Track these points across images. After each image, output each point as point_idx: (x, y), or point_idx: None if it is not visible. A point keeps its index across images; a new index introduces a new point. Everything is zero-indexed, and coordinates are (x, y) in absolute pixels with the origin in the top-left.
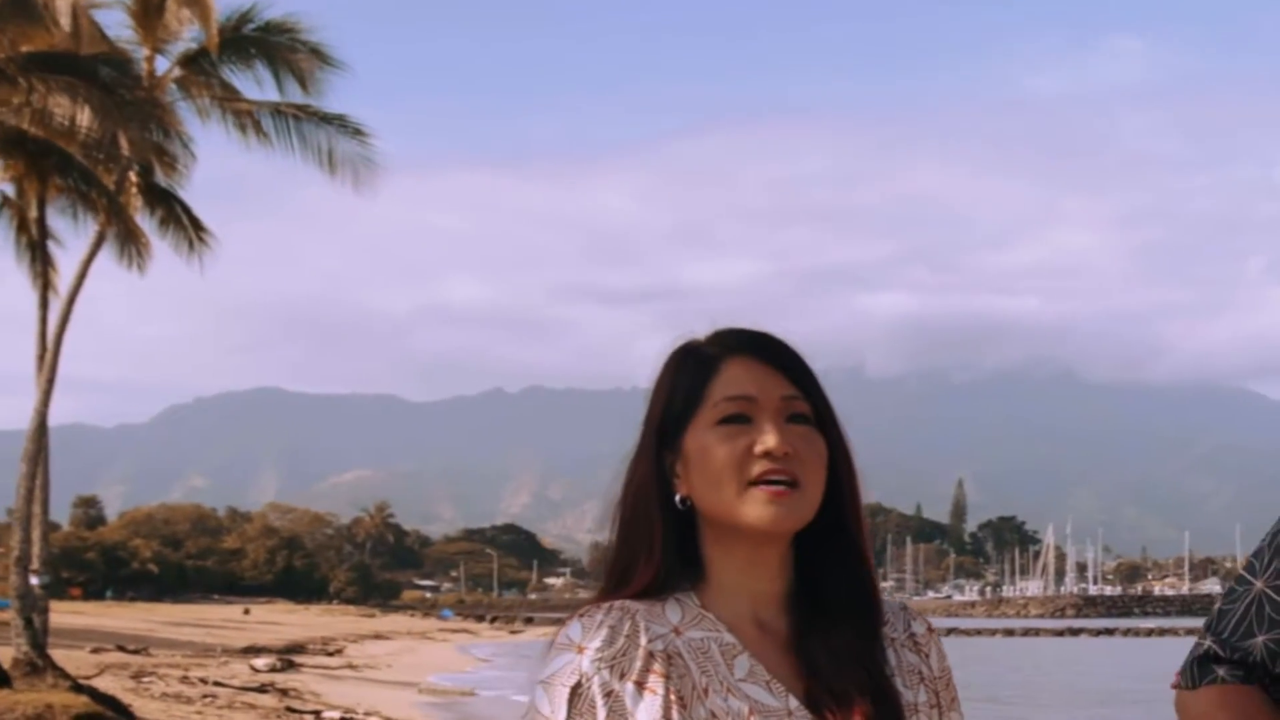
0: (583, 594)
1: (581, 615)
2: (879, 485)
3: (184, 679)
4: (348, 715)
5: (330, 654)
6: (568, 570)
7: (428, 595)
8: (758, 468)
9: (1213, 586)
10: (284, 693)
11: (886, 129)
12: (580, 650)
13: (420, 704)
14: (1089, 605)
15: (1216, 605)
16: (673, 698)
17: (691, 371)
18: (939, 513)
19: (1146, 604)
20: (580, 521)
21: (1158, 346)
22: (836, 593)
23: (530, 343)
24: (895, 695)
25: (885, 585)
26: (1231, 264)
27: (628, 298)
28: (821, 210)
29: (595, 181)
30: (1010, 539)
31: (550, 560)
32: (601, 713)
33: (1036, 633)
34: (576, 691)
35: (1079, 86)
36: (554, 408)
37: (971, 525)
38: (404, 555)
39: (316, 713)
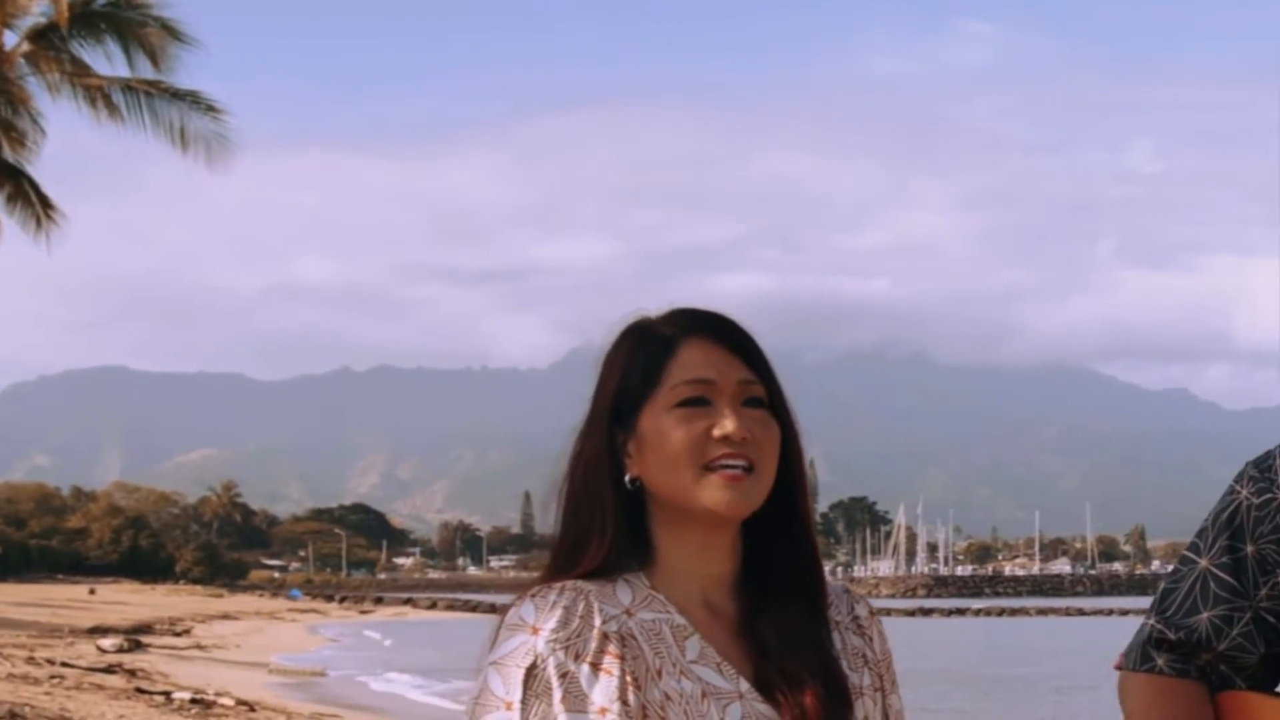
0: (432, 574)
1: (534, 595)
2: None
3: (30, 660)
4: (198, 696)
5: (178, 634)
6: (417, 550)
7: (276, 575)
8: (716, 452)
9: (1063, 567)
10: (132, 673)
11: (738, 110)
12: (534, 631)
13: (270, 684)
14: (940, 585)
15: (1161, 585)
16: (628, 679)
17: (648, 351)
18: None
19: (997, 584)
20: (430, 501)
21: (1008, 328)
22: (785, 576)
23: (379, 322)
24: (843, 678)
25: None
26: (1081, 246)
27: (478, 277)
28: (673, 191)
29: (445, 161)
30: (861, 519)
31: (399, 540)
32: (557, 694)
33: (888, 613)
34: (532, 673)
35: (929, 70)
36: (403, 387)
37: (823, 506)
38: (251, 535)
39: (166, 693)
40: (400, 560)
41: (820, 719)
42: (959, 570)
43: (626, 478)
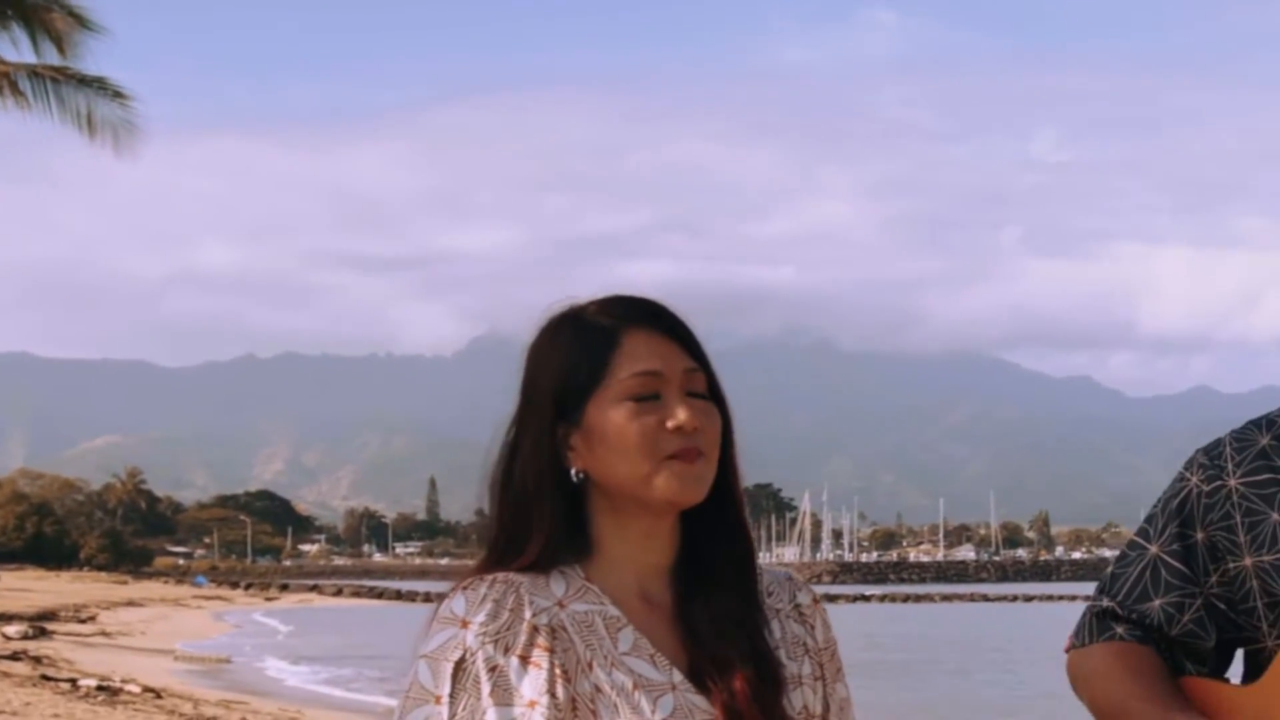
0: (337, 561)
1: (465, 588)
2: None
3: None
4: (104, 683)
5: (83, 621)
6: (322, 537)
7: (181, 562)
8: (669, 443)
9: (967, 553)
10: (37, 660)
11: (646, 98)
12: (464, 625)
13: (176, 671)
14: (845, 572)
15: (1109, 569)
16: (557, 672)
17: (591, 342)
18: None
19: (902, 570)
20: (335, 488)
21: (914, 316)
22: (720, 564)
23: (284, 309)
24: (776, 664)
25: None
26: (987, 235)
27: (384, 264)
28: (580, 178)
29: (352, 148)
30: (766, 506)
31: (305, 527)
32: (486, 688)
33: None
34: (461, 666)
35: (836, 58)
36: (308, 374)
37: None
38: (156, 522)
39: (72, 680)
40: (305, 547)
41: (750, 704)
42: (864, 557)
43: (572, 471)
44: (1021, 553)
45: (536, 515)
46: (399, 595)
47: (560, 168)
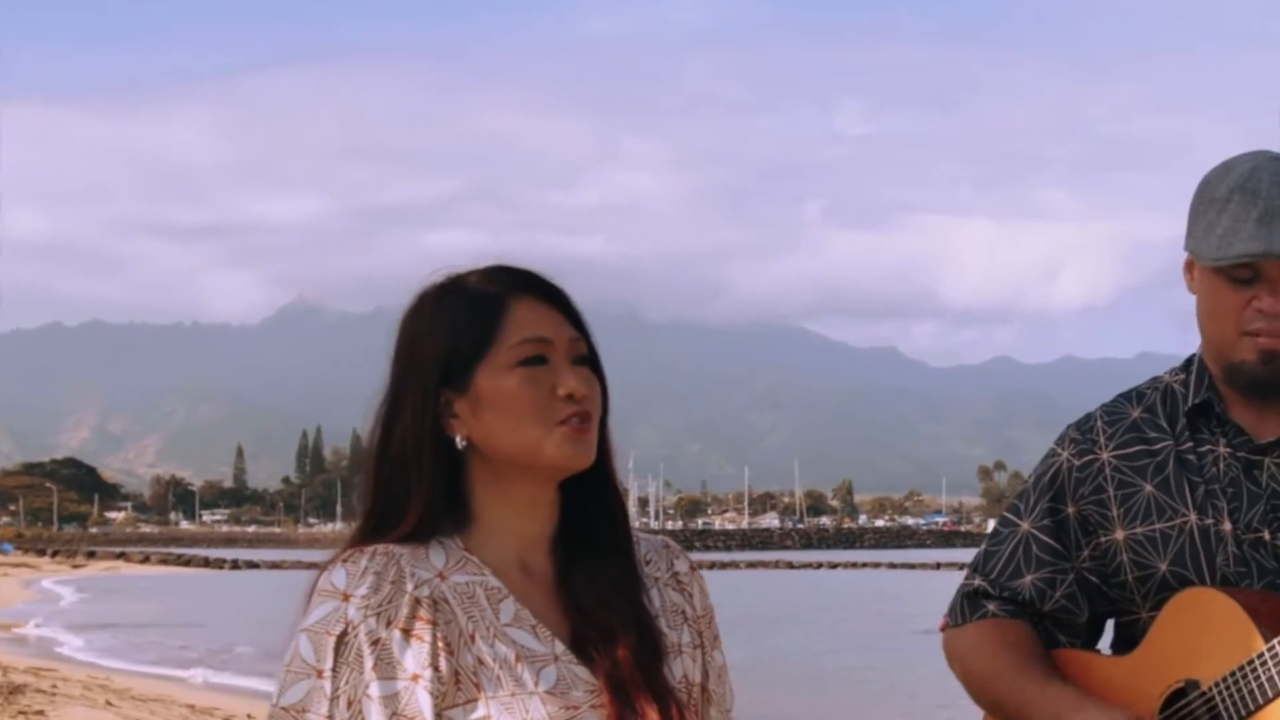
0: (144, 528)
1: (344, 561)
2: None
3: None
4: None
5: None
6: (129, 504)
7: None
8: (560, 409)
9: (772, 521)
10: None
11: (452, 69)
12: (345, 598)
13: None
14: None
15: (982, 546)
16: (440, 644)
17: (478, 310)
18: None
19: (707, 538)
20: (141, 455)
21: (719, 286)
22: (599, 532)
23: (90, 277)
24: (657, 632)
25: None
26: (791, 206)
27: (191, 233)
28: (387, 148)
29: (160, 117)
30: None
31: (111, 494)
32: (369, 661)
33: None
34: (343, 640)
35: (641, 30)
36: (114, 342)
37: None
38: None
39: None
40: (112, 515)
41: (632, 672)
42: (669, 524)
43: (457, 438)
44: (825, 520)
45: (415, 483)
46: (206, 562)
47: (367, 138)
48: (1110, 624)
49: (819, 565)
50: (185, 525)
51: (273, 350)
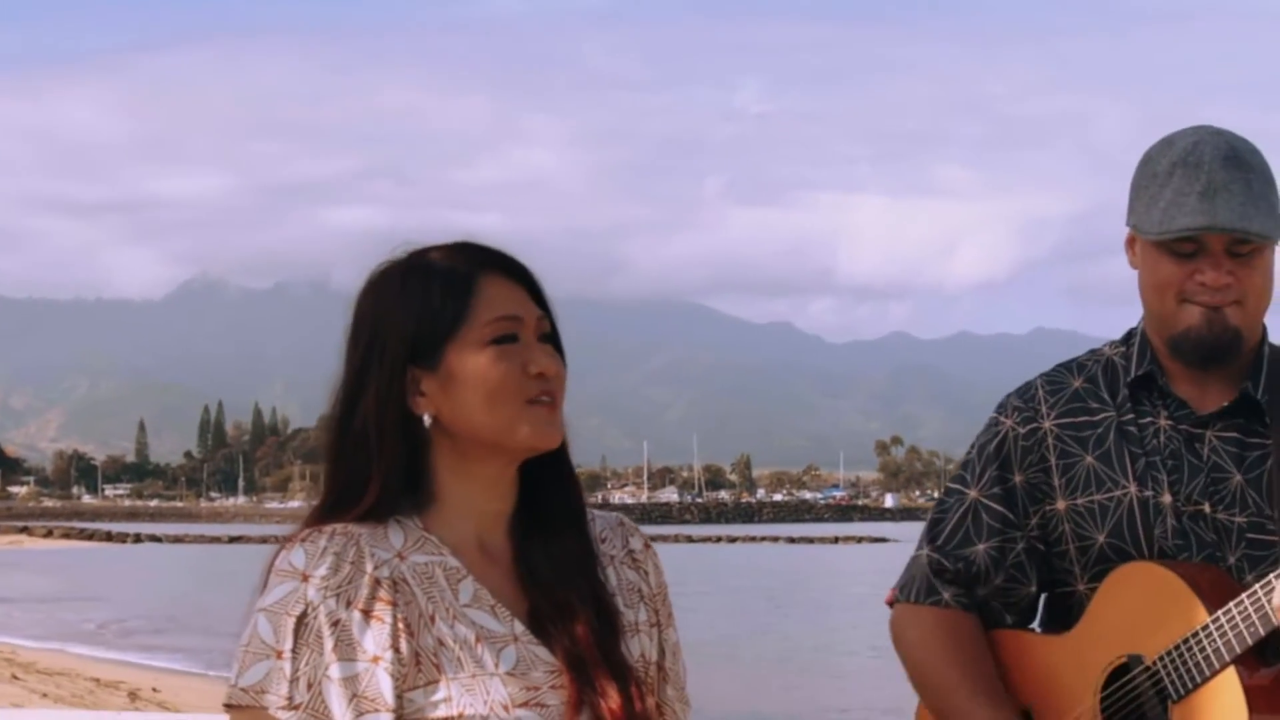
0: (47, 502)
1: (303, 540)
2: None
3: None
4: None
5: None
6: (32, 478)
7: None
8: (532, 388)
9: (671, 495)
10: None
11: (354, 47)
12: (305, 578)
13: None
14: None
15: (930, 515)
16: (400, 626)
17: (449, 287)
18: None
19: (606, 510)
20: (44, 430)
21: (618, 262)
22: (557, 510)
23: None
24: (614, 610)
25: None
26: (690, 184)
27: (93, 209)
28: (288, 126)
29: (61, 93)
30: None
31: (13, 469)
32: (329, 642)
33: None
34: (303, 621)
35: (541, 8)
36: (15, 317)
37: None
38: None
39: None
40: (15, 489)
41: (591, 649)
42: None
43: (425, 416)
44: (724, 494)
45: (378, 461)
46: (109, 536)
47: (269, 115)
48: (1043, 599)
49: (718, 539)
50: (88, 500)
51: (175, 326)
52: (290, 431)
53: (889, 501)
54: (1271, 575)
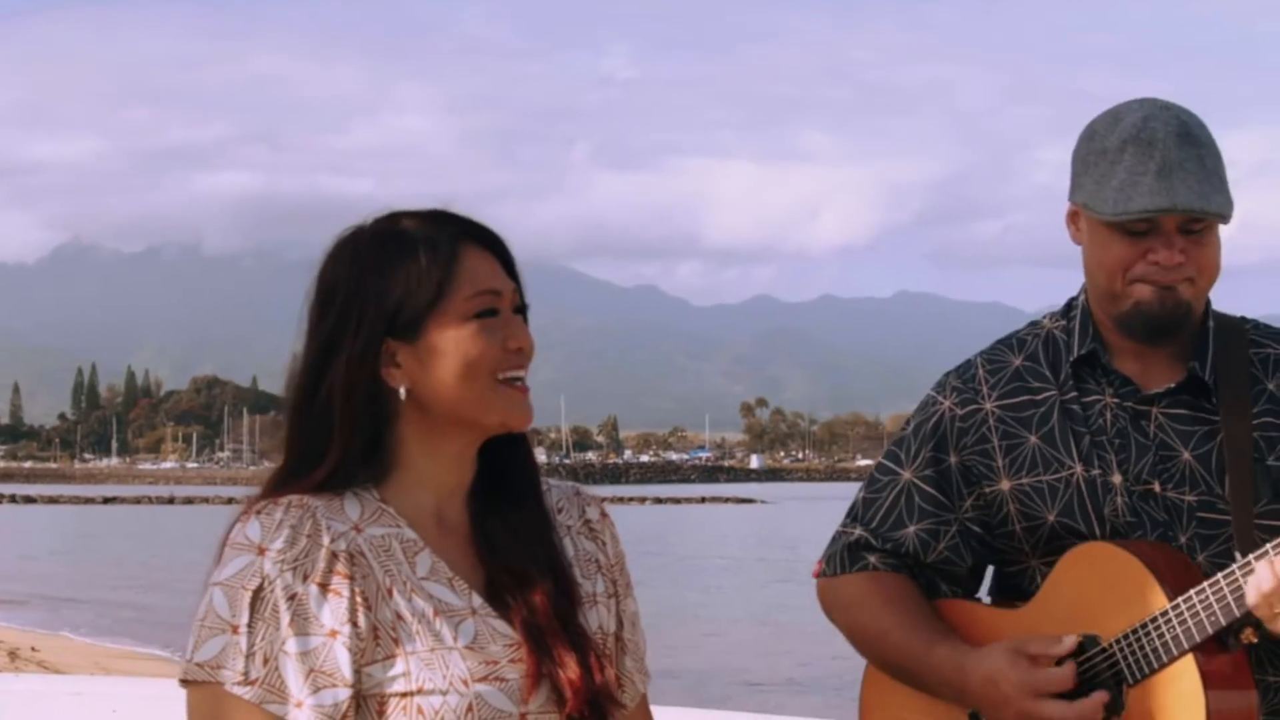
0: None
1: (259, 513)
2: (216, 359)
3: None
4: None
5: None
6: None
7: None
8: (510, 365)
9: (539, 456)
10: None
11: (228, 13)
12: (261, 551)
13: None
14: None
15: (859, 494)
16: (358, 599)
17: (431, 258)
18: (275, 385)
19: None
20: None
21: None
22: (513, 481)
23: None
24: (572, 581)
25: (222, 456)
26: (559, 149)
27: None
28: (163, 92)
29: None
30: None
31: None
32: (285, 617)
33: None
34: (259, 595)
35: None
36: None
37: None
38: None
39: None
40: None
41: (550, 620)
42: None
43: (401, 389)
44: (591, 456)
45: (341, 429)
46: None
47: (143, 81)
48: (990, 572)
49: None
50: None
51: (48, 289)
52: (163, 394)
53: (754, 462)
54: (1235, 567)
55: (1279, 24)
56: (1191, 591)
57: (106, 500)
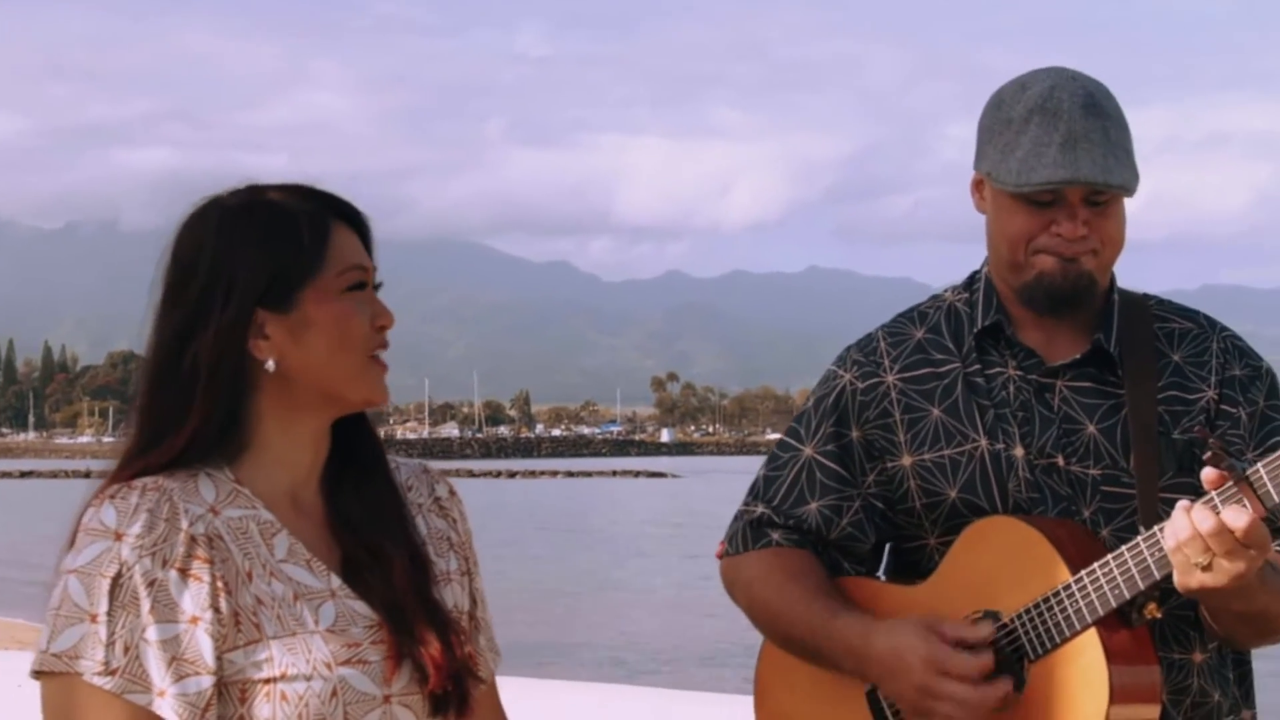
0: None
1: (113, 498)
2: (133, 334)
3: None
4: None
5: None
6: None
7: None
8: (376, 342)
9: (451, 431)
10: None
11: None
12: (118, 537)
13: None
14: None
15: (761, 471)
16: (219, 584)
17: (304, 231)
18: None
19: (390, 447)
20: None
21: (401, 203)
22: (364, 459)
23: None
24: (428, 559)
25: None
26: (472, 126)
27: None
28: (82, 69)
29: None
30: None
31: None
32: (145, 604)
33: None
34: (118, 582)
35: None
36: None
37: None
38: None
39: None
40: None
41: (409, 597)
42: None
43: (269, 362)
44: (504, 430)
45: (199, 404)
46: None
47: (63, 58)
48: (888, 549)
49: (498, 474)
50: None
51: None
52: (79, 369)
53: (665, 436)
54: (1138, 539)
55: (1188, 1)
56: (1095, 565)
57: (23, 474)
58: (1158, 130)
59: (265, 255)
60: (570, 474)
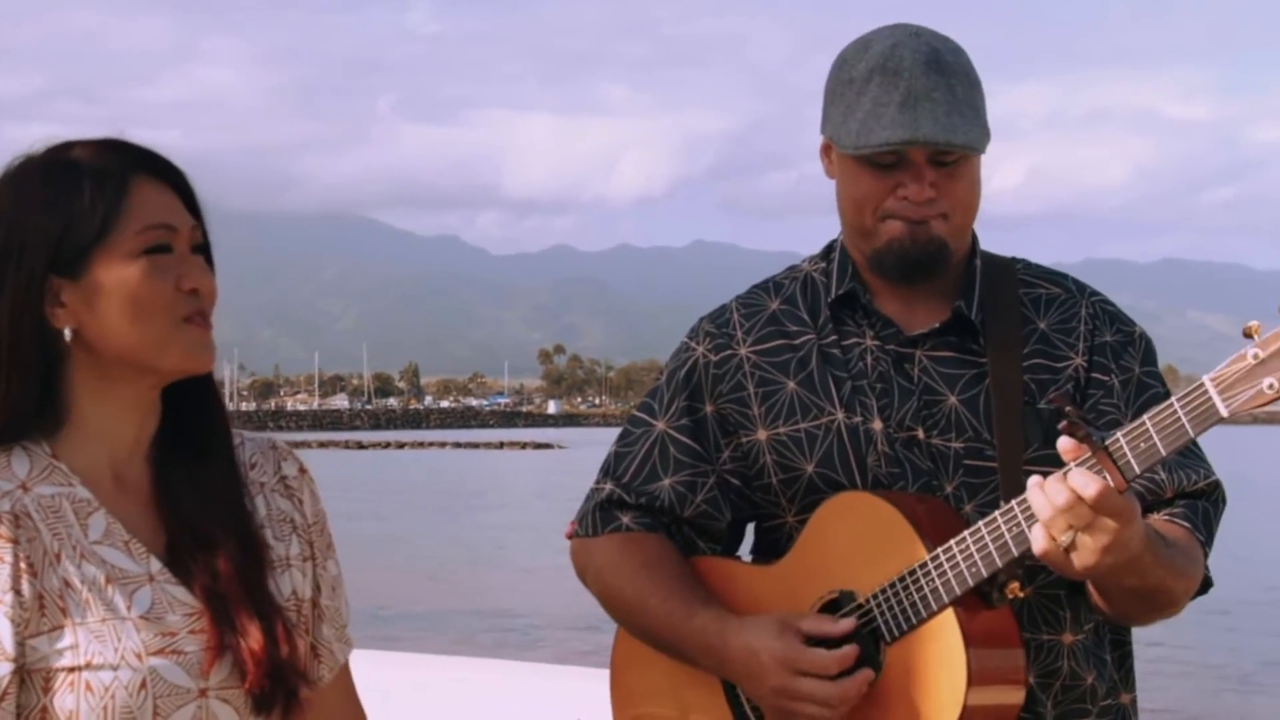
0: None
1: None
2: None
3: None
4: None
5: None
6: None
7: None
8: (186, 306)
9: (341, 402)
10: None
11: None
12: None
13: None
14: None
15: (612, 448)
16: (23, 565)
17: (97, 189)
18: None
19: (280, 419)
20: None
21: (292, 178)
22: (200, 435)
23: None
24: (261, 543)
25: None
26: (363, 102)
27: None
28: None
29: None
30: None
31: None
32: None
33: None
34: None
35: None
36: None
37: None
38: None
39: None
40: None
41: (233, 586)
42: (244, 406)
43: (66, 330)
44: (393, 402)
45: (7, 378)
46: None
47: None
48: (751, 529)
49: (388, 445)
50: None
51: None
52: None
53: (552, 408)
54: (996, 514)
55: None
56: (951, 541)
57: None
58: (1041, 106)
59: (54, 217)
60: (458, 445)
